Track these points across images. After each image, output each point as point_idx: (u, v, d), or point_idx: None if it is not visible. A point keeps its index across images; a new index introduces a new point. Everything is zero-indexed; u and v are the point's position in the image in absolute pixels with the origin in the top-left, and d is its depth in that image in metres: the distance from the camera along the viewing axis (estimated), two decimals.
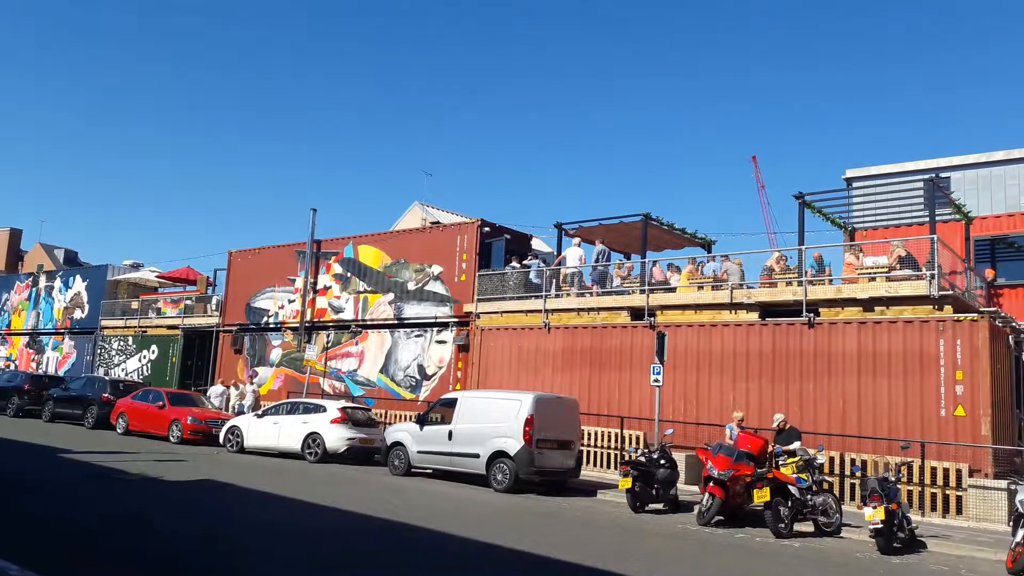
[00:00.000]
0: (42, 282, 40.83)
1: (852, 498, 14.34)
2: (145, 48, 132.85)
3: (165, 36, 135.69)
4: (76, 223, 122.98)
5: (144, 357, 32.97)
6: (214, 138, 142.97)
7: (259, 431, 19.56)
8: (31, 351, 39.79)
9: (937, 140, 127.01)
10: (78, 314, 37.78)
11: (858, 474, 13.93)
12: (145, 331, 33.62)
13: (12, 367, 38.81)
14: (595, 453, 18.36)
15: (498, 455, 14.96)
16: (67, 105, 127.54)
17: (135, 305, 35.10)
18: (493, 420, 15.37)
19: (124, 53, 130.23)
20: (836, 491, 14.14)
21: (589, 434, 18.32)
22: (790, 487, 11.87)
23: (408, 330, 24.23)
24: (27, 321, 40.85)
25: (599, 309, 19.96)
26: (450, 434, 15.92)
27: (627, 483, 13.19)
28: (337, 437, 18.30)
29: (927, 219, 17.36)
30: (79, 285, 38.40)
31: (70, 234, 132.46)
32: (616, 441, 18.07)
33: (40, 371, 36.41)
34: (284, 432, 19.07)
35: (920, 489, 13.99)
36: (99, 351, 35.41)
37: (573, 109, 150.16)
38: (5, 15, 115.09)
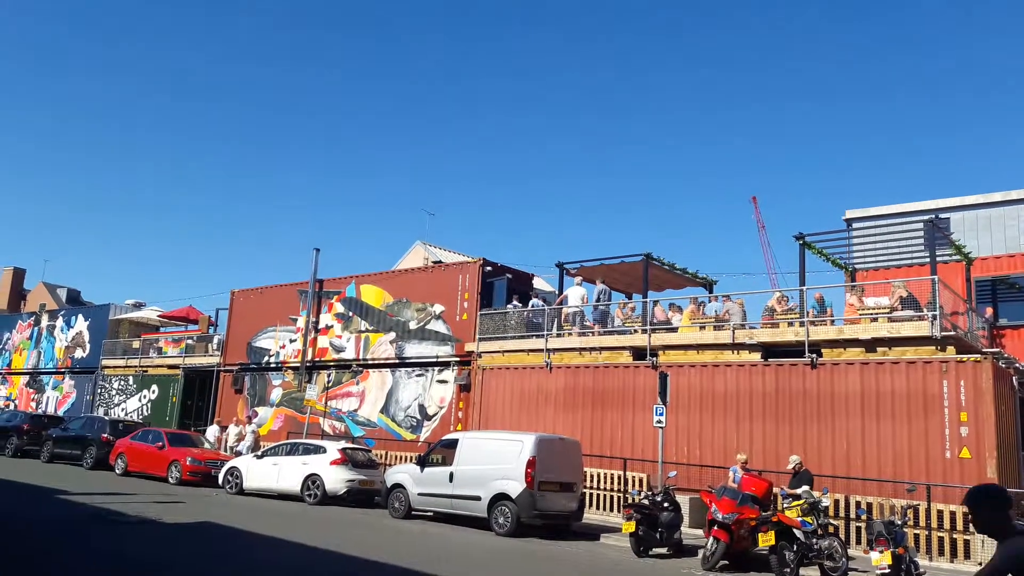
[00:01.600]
0: (44, 321, 40.87)
1: (858, 542, 14.18)
2: (147, 86, 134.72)
3: (167, 74, 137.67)
4: (80, 262, 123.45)
5: (144, 397, 32.86)
6: (218, 178, 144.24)
7: (258, 472, 19.41)
8: (31, 390, 39.68)
9: (936, 181, 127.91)
10: (79, 353, 37.75)
11: (864, 517, 13.75)
12: (146, 371, 33.56)
13: (12, 407, 38.69)
14: (598, 495, 18.17)
15: (500, 497, 14.80)
16: (70, 144, 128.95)
17: (136, 344, 35.10)
18: (494, 462, 15.24)
19: (126, 89, 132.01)
20: (842, 535, 13.99)
21: (592, 476, 18.16)
22: (795, 531, 11.74)
23: (409, 369, 24.17)
24: (28, 360, 40.80)
25: (601, 349, 19.93)
26: (451, 476, 15.79)
27: (630, 527, 13.05)
28: (337, 479, 18.14)
29: (928, 260, 17.43)
30: (81, 324, 38.43)
31: (74, 273, 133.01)
32: (619, 483, 17.90)
33: (40, 411, 36.28)
34: (283, 473, 18.91)
35: (927, 533, 13.83)
36: (99, 391, 35.32)
37: (574, 149, 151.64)
38: (6, 50, 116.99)
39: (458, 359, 22.86)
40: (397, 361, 24.57)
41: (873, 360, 15.59)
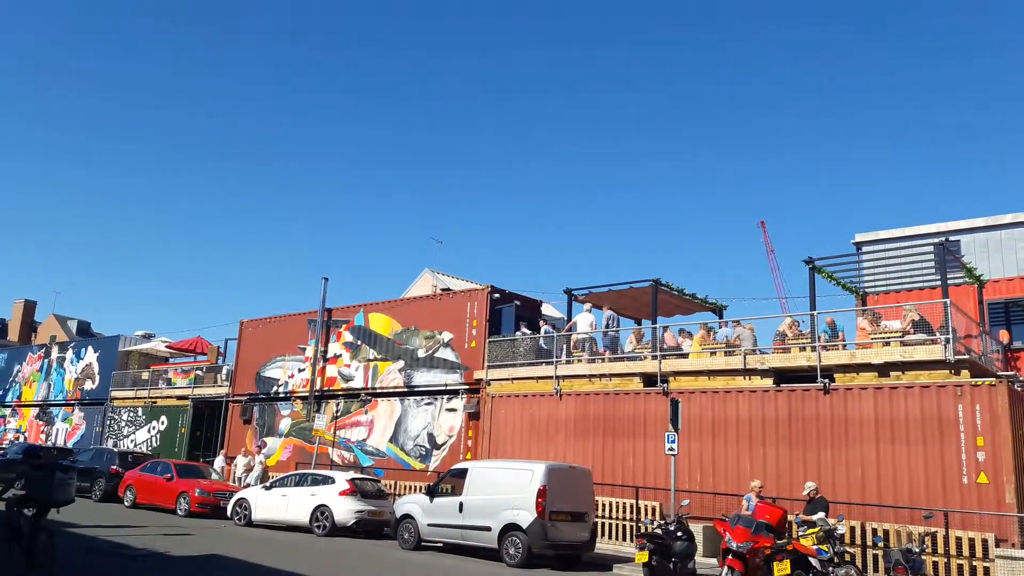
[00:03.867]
0: (54, 353, 40.98)
1: (875, 570, 13.92)
2: (156, 111, 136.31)
3: (175, 99, 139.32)
4: (90, 294, 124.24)
5: (153, 428, 32.81)
6: (226, 207, 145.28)
7: (267, 504, 19.27)
8: (41, 423, 39.67)
9: (945, 203, 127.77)
10: (89, 385, 37.79)
11: (880, 545, 13.57)
12: (155, 402, 33.54)
13: (22, 439, 38.66)
14: (610, 525, 17.93)
15: (510, 528, 14.60)
16: (80, 179, 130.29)
17: (145, 376, 35.13)
18: (504, 491, 15.07)
19: (135, 126, 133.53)
20: (859, 563, 13.74)
21: (603, 505, 17.93)
22: (811, 559, 11.54)
23: (418, 398, 24.06)
24: (38, 392, 40.86)
25: (611, 375, 19.80)
26: (460, 506, 15.62)
27: (643, 557, 12.83)
28: (346, 510, 17.98)
29: (939, 283, 17.30)
30: (90, 356, 38.51)
31: (83, 305, 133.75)
32: (631, 512, 17.67)
33: (49, 443, 36.23)
34: (292, 505, 18.77)
35: (946, 560, 13.55)
36: (108, 422, 35.29)
37: (580, 175, 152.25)
38: (23, 88, 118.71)
39: (467, 387, 22.75)
40: (406, 389, 24.47)
41: (886, 384, 15.43)
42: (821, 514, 12.57)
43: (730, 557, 11.85)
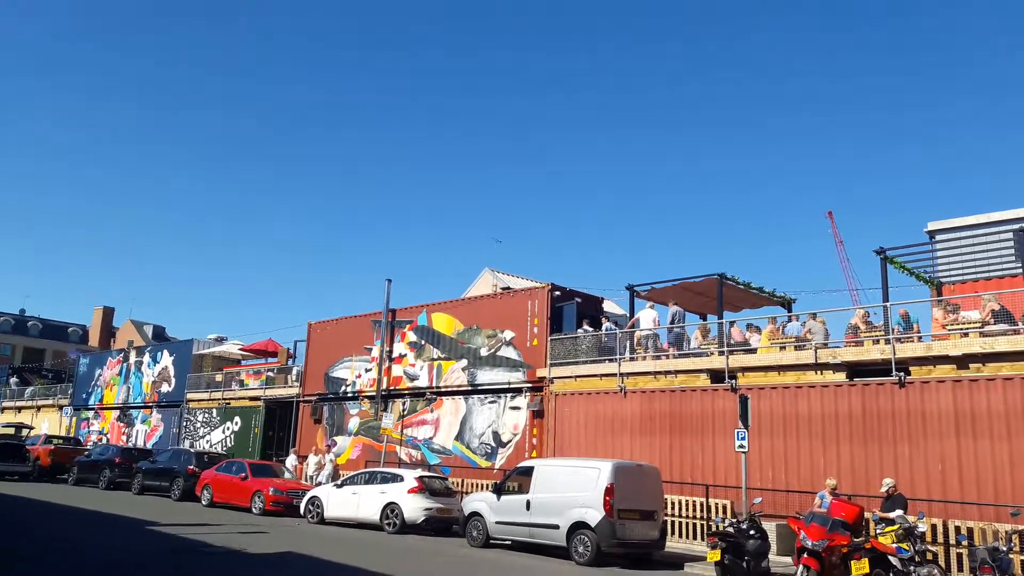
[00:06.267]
0: (132, 357, 42.54)
1: (960, 569, 13.46)
2: (227, 117, 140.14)
3: (244, 104, 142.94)
4: (164, 299, 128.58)
5: (228, 428, 33.75)
6: (292, 214, 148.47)
7: (338, 502, 19.64)
8: (121, 424, 41.23)
9: (1019, 188, 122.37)
10: (165, 388, 39.10)
11: (964, 543, 13.09)
12: (229, 403, 34.47)
13: (104, 440, 40.25)
14: (679, 523, 17.74)
15: (578, 526, 14.57)
16: (152, 191, 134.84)
17: (219, 378, 36.12)
18: (571, 489, 15.05)
19: (208, 138, 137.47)
20: (942, 562, 13.31)
21: (672, 503, 17.76)
22: (890, 558, 11.23)
23: (482, 396, 24.20)
24: (118, 395, 42.49)
25: (676, 372, 19.56)
26: (528, 504, 15.65)
27: (716, 555, 12.66)
28: (415, 507, 18.21)
29: (1019, 270, 16.62)
30: (166, 359, 39.84)
31: (158, 310, 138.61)
32: (701, 510, 17.45)
33: (130, 444, 37.63)
34: (363, 503, 19.09)
35: None
36: (185, 423, 36.44)
37: (642, 168, 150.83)
38: (97, 89, 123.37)
39: (530, 385, 22.76)
40: (470, 388, 24.63)
41: (966, 377, 14.89)
42: (899, 511, 12.21)
43: (805, 555, 11.62)
